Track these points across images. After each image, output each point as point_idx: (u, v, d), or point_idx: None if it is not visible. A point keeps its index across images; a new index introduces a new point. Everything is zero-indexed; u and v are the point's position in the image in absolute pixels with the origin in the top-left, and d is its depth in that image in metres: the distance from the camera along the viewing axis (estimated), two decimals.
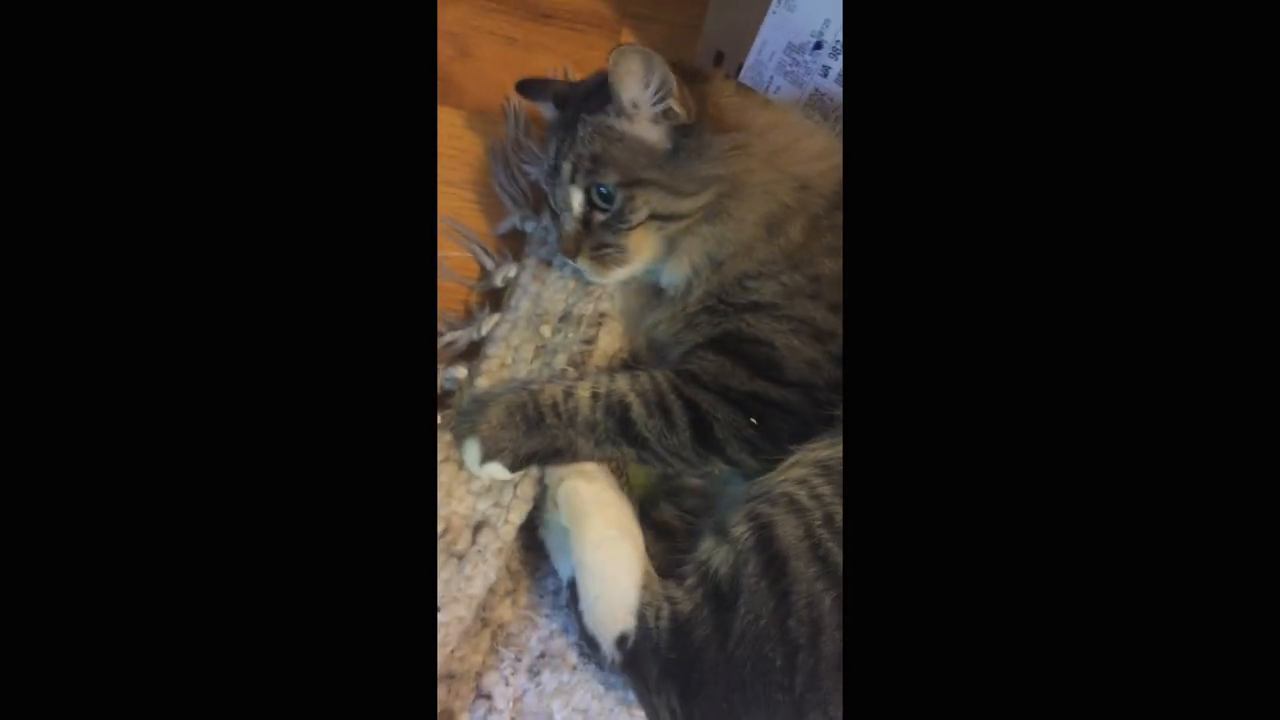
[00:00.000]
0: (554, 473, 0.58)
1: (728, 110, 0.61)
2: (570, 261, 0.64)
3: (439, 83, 0.83)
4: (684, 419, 0.57)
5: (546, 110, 0.70)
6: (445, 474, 0.59)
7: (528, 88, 0.72)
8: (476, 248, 0.74)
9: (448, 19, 0.87)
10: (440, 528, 0.57)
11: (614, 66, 0.57)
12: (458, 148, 0.79)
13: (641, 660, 0.52)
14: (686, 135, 0.59)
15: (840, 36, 0.66)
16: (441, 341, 0.68)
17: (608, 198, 0.60)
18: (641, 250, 0.62)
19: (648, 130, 0.59)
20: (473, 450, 0.57)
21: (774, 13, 0.69)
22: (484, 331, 0.68)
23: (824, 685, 0.47)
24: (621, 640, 0.52)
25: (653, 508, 0.61)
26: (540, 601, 0.60)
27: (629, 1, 0.91)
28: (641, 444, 0.58)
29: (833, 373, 0.57)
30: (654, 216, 0.60)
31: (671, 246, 0.62)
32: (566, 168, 0.61)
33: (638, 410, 0.57)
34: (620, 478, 0.64)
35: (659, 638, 0.51)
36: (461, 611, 0.55)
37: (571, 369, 0.63)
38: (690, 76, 0.60)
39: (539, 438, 0.57)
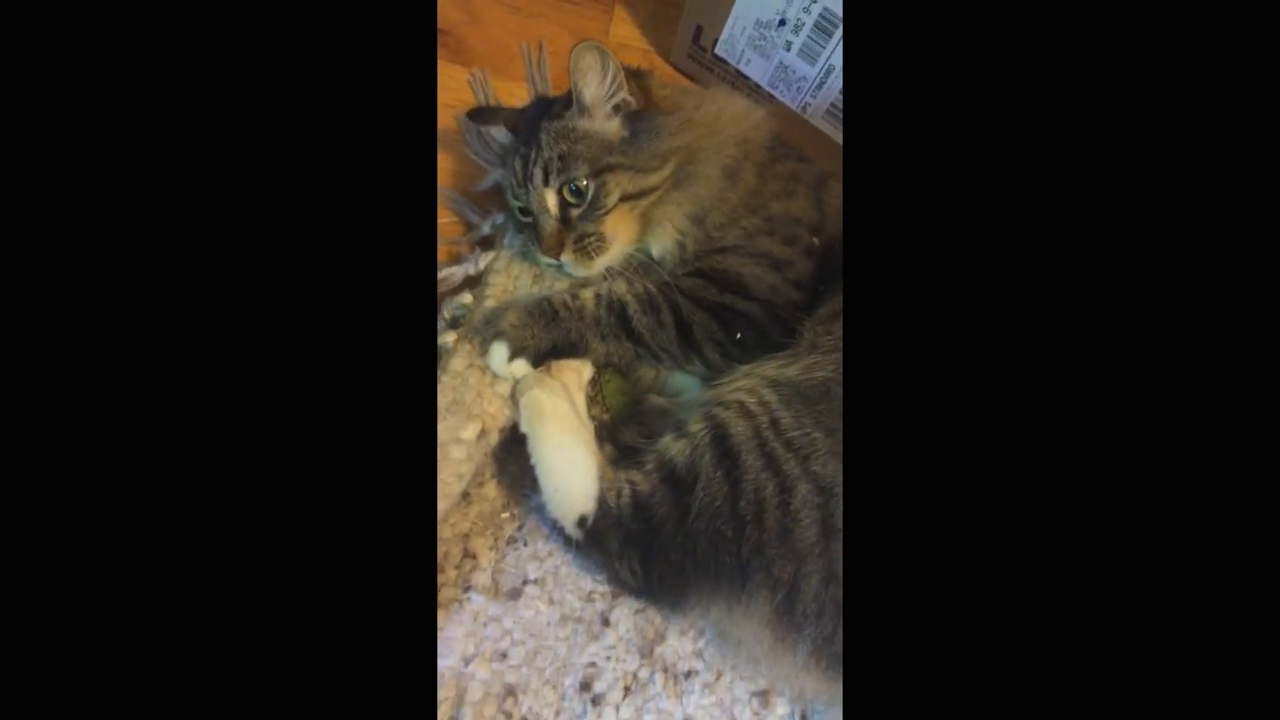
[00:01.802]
0: (520, 386, 0.66)
1: (666, 98, 0.71)
2: (554, 261, 0.69)
3: (452, 43, 0.93)
4: (670, 319, 0.66)
5: (499, 134, 0.78)
6: (473, 378, 0.67)
7: (480, 115, 0.79)
8: (464, 207, 0.82)
9: None
10: (478, 428, 0.65)
11: (576, 60, 0.64)
12: (465, 101, 0.89)
13: (603, 534, 0.60)
14: (640, 121, 0.68)
15: (801, 16, 0.76)
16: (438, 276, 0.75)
17: (579, 192, 0.67)
18: (619, 232, 0.68)
19: (605, 124, 0.68)
20: (500, 351, 0.65)
21: None
22: (480, 266, 0.76)
23: (767, 553, 0.55)
24: (581, 521, 0.61)
25: (619, 431, 0.70)
26: (522, 482, 0.71)
27: None
28: (637, 339, 0.67)
29: (790, 295, 0.67)
30: (626, 197, 0.67)
31: (647, 221, 0.69)
32: (538, 174, 0.67)
33: (634, 308, 0.67)
34: (597, 396, 0.75)
35: (622, 513, 0.60)
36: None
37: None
38: (631, 74, 0.69)
39: (556, 331, 0.66)
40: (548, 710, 0.63)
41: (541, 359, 0.67)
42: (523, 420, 0.65)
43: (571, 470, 0.62)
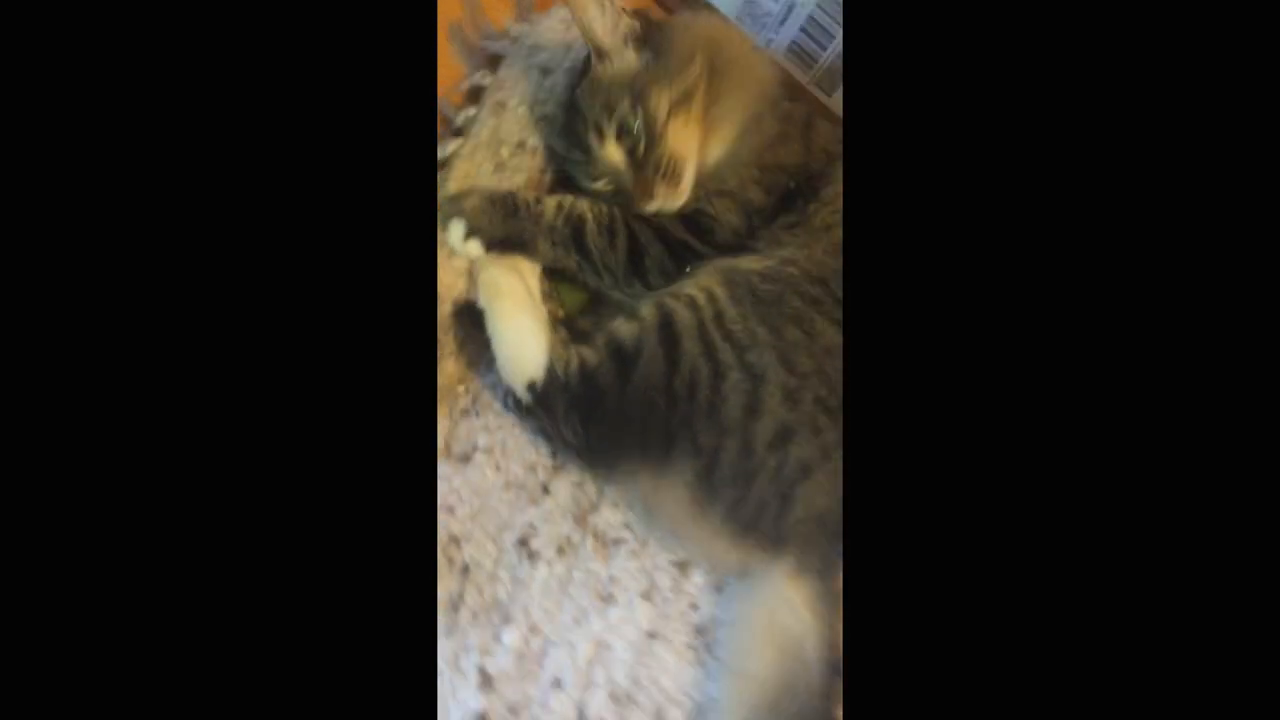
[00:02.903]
0: (479, 264, 0.72)
1: (661, 13, 0.76)
2: (655, 207, 0.70)
3: None
4: (624, 244, 0.71)
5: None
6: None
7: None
8: (444, 106, 0.84)
9: None
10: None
11: (573, 7, 0.67)
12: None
13: (550, 398, 0.66)
14: (650, 37, 0.71)
15: None
16: None
17: (628, 129, 0.69)
18: (685, 144, 0.70)
19: (625, 58, 0.70)
20: (457, 228, 0.70)
21: None
22: (448, 151, 0.79)
23: (694, 425, 0.62)
24: (531, 385, 0.67)
25: (576, 320, 0.76)
26: (478, 363, 0.76)
27: None
28: (585, 253, 0.71)
29: (746, 239, 0.72)
30: (675, 105, 0.69)
31: (709, 125, 0.71)
32: (592, 138, 0.71)
33: (590, 226, 0.71)
34: (552, 293, 0.80)
35: (569, 380, 0.66)
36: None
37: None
38: None
39: (511, 225, 0.70)
40: (487, 560, 0.69)
41: (493, 246, 0.71)
42: (481, 296, 0.70)
43: (524, 340, 0.68)
